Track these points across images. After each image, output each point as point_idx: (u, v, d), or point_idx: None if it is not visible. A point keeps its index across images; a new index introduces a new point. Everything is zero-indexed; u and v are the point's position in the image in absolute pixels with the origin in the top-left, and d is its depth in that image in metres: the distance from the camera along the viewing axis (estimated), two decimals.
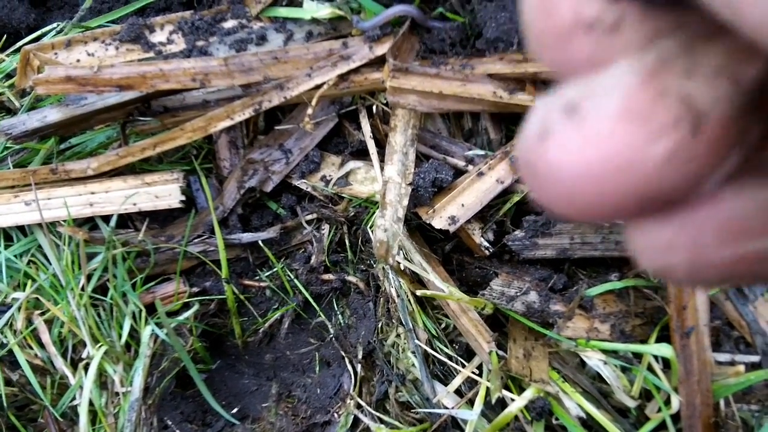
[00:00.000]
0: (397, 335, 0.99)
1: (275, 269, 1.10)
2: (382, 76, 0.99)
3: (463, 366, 0.94)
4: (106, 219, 1.07)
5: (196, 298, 1.07)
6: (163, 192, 1.05)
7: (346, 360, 1.03)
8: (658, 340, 0.93)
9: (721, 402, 0.91)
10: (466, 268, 1.04)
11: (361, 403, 0.99)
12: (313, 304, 1.09)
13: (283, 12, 1.06)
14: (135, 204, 1.05)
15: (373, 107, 1.06)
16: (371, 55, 0.99)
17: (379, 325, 1.01)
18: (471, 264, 1.03)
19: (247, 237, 1.08)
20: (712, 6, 0.15)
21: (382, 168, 1.00)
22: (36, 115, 1.04)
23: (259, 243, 1.08)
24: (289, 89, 1.00)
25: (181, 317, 1.04)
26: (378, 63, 1.00)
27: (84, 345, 1.01)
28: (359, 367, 1.01)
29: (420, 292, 0.94)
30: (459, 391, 0.93)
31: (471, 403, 0.91)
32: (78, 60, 1.05)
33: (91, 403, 0.98)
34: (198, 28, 1.06)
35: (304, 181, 1.09)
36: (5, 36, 1.26)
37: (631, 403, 0.89)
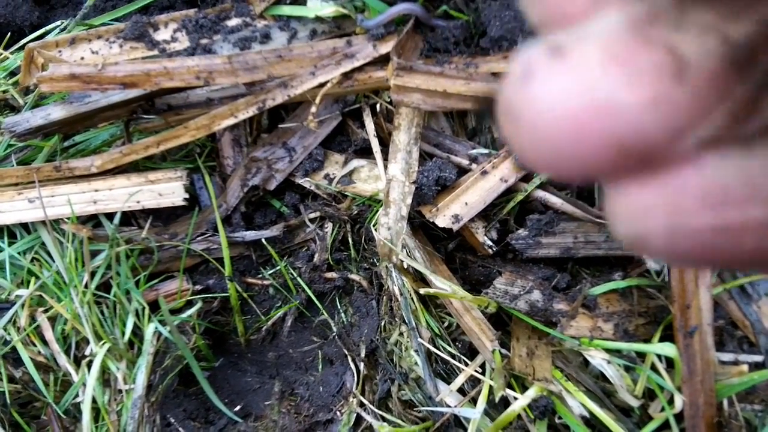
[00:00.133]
0: (400, 333, 0.99)
1: (278, 267, 1.10)
2: (386, 74, 0.99)
3: (466, 364, 0.94)
4: (110, 216, 1.07)
5: (199, 296, 1.08)
6: (166, 190, 1.06)
7: (349, 358, 1.03)
8: (662, 340, 0.93)
9: (725, 402, 0.91)
10: (470, 266, 1.04)
11: (364, 401, 0.99)
12: (316, 303, 1.09)
13: (287, 10, 1.06)
14: (138, 201, 1.05)
15: (377, 106, 1.06)
16: (375, 53, 0.99)
17: (382, 324, 1.01)
18: (474, 262, 1.03)
19: (250, 235, 1.08)
20: None
21: (386, 166, 1.00)
22: (40, 112, 1.04)
23: (263, 241, 1.08)
24: (292, 87, 1.00)
25: (184, 315, 1.04)
26: (382, 61, 1.00)
27: (87, 342, 1.01)
28: (362, 365, 1.01)
29: (423, 291, 0.94)
30: (462, 390, 0.93)
31: (474, 401, 0.91)
32: (82, 58, 1.05)
33: (94, 400, 0.98)
34: (202, 26, 1.06)
35: (307, 179, 1.09)
36: (9, 34, 1.27)
37: (634, 403, 0.89)
